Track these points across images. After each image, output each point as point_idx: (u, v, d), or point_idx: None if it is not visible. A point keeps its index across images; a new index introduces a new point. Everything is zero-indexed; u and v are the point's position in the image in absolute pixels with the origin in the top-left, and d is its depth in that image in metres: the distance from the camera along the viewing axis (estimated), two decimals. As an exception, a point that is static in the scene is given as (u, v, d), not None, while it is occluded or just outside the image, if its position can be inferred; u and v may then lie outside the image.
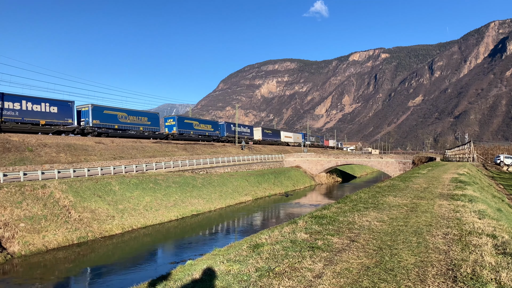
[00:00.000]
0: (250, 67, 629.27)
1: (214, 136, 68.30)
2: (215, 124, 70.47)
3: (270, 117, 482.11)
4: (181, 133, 58.98)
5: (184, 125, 59.98)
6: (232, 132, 74.21)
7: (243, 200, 41.45)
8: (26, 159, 31.92)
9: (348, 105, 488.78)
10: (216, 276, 4.75)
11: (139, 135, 51.26)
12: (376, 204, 10.19)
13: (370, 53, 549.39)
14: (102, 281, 18.15)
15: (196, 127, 62.75)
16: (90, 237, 23.62)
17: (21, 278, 17.78)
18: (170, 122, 59.32)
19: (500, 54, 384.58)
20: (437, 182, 16.68)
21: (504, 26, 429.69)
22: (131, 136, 50.04)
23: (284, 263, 5.01)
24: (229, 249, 10.39)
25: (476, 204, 9.86)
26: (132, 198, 29.88)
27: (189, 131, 60.69)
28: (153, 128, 53.91)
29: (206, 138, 66.05)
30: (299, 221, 8.20)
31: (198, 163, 45.47)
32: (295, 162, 68.33)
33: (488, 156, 67.57)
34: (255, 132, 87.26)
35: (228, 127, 73.70)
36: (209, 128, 67.02)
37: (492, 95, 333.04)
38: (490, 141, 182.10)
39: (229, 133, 73.17)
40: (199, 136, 63.75)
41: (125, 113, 49.04)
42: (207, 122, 68.13)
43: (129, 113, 49.95)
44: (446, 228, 6.93)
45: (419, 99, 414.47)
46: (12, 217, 21.62)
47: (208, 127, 66.82)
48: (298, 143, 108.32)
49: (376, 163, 64.31)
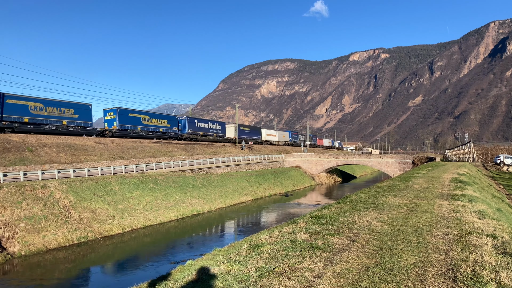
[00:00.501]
0: (250, 67, 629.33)
1: (171, 133, 58.10)
2: (173, 119, 59.51)
3: (270, 117, 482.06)
4: (123, 129, 49.38)
5: (128, 119, 50.21)
6: (197, 129, 63.91)
7: (243, 200, 41.45)
8: (26, 159, 31.92)
9: (348, 105, 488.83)
10: (216, 276, 4.75)
11: (61, 131, 41.60)
12: (376, 204, 10.20)
13: (370, 53, 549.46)
14: (102, 281, 18.15)
15: (145, 122, 53.17)
16: (90, 237, 23.62)
17: (21, 278, 17.78)
18: (110, 116, 49.37)
19: (500, 54, 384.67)
20: (437, 182, 16.68)
21: (504, 26, 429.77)
22: (48, 132, 40.32)
23: (284, 263, 5.01)
24: (229, 249, 10.39)
25: (476, 204, 9.86)
26: (132, 198, 29.89)
27: (135, 127, 51.18)
28: (82, 123, 44.20)
29: (159, 135, 55.85)
30: (299, 221, 8.21)
31: (198, 163, 45.47)
32: (295, 162, 68.33)
33: (488, 156, 67.55)
34: (228, 129, 75.85)
35: (191, 123, 62.97)
36: (164, 124, 56.79)
37: (492, 95, 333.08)
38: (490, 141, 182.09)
39: (192, 130, 62.52)
40: (150, 133, 53.88)
41: (40, 103, 39.55)
42: (161, 117, 57.53)
43: (47, 104, 40.27)
44: (446, 228, 6.93)
45: (419, 99, 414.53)
46: (12, 217, 21.62)
47: (163, 122, 56.69)
48: (284, 142, 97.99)
49: (376, 163, 64.31)
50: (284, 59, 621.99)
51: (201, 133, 64.39)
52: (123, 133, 49.45)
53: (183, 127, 61.19)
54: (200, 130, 64.47)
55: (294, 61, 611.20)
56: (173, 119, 59.59)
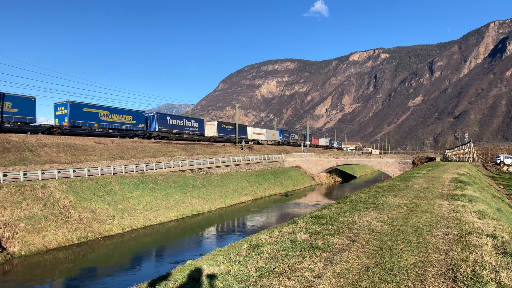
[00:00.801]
0: (250, 67, 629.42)
1: (136, 130, 51.71)
2: (139, 116, 52.86)
3: (270, 117, 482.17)
4: (77, 126, 43.17)
5: (82, 115, 44.12)
6: (169, 126, 57.66)
7: (243, 200, 41.45)
8: (26, 159, 31.93)
9: (348, 105, 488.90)
10: (216, 276, 4.75)
11: None
12: (376, 204, 10.20)
13: (370, 53, 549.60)
14: (102, 281, 18.15)
15: (104, 118, 46.88)
16: (90, 237, 23.62)
17: (21, 278, 17.78)
18: (61, 111, 43.38)
19: (500, 54, 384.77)
20: (437, 182, 16.68)
21: (504, 26, 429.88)
22: None
23: (284, 263, 5.01)
24: (229, 249, 10.38)
25: (476, 204, 9.86)
26: (132, 198, 29.89)
27: (91, 124, 45.03)
28: (23, 118, 38.84)
29: (122, 133, 49.50)
30: (299, 221, 8.21)
31: (198, 163, 45.48)
32: (295, 162, 68.34)
33: (488, 156, 67.58)
34: (208, 127, 69.21)
35: (161, 120, 56.32)
36: (128, 120, 50.55)
37: (492, 95, 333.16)
38: (490, 141, 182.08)
39: (163, 128, 56.34)
40: (110, 131, 47.58)
41: None
42: (125, 112, 50.35)
43: None
44: (446, 228, 6.93)
45: (419, 99, 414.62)
46: (12, 217, 21.62)
47: (126, 118, 50.29)
48: (273, 142, 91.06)
49: (376, 163, 64.32)
50: (284, 59, 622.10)
51: (174, 131, 58.18)
52: (76, 130, 43.48)
53: (153, 124, 55.34)
54: (173, 127, 58.18)
55: (294, 61, 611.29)
56: (140, 115, 53.12)
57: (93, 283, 17.86)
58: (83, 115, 44.64)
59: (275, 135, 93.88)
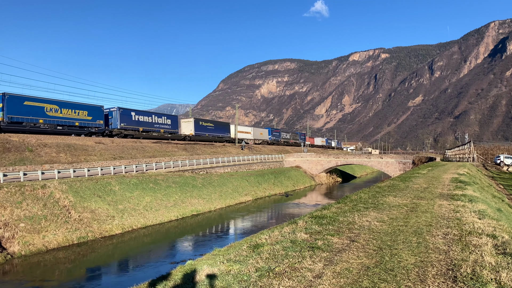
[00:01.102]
0: (250, 67, 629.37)
1: (92, 127, 45.30)
2: (96, 110, 46.02)
3: (270, 117, 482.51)
4: (16, 122, 37.33)
5: (23, 109, 38.16)
6: (135, 123, 51.21)
7: (243, 200, 41.46)
8: (26, 159, 31.93)
9: (348, 105, 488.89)
10: (216, 276, 4.75)
11: None
12: (376, 204, 10.20)
13: (370, 53, 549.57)
14: (102, 281, 18.15)
15: (52, 114, 40.96)
16: (90, 237, 23.61)
17: (21, 278, 17.77)
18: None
19: (500, 54, 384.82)
20: (437, 182, 16.68)
21: (504, 26, 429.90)
22: None
23: (284, 263, 5.01)
24: (229, 249, 10.38)
25: (476, 204, 9.86)
26: (132, 198, 29.89)
27: (35, 119, 39.20)
28: None
29: (75, 130, 43.28)
30: (299, 221, 8.21)
31: (198, 163, 45.48)
32: (295, 162, 68.35)
33: (488, 156, 67.57)
34: (184, 124, 62.93)
35: (125, 116, 49.75)
36: (82, 116, 43.99)
37: (492, 95, 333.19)
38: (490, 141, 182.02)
39: (127, 125, 49.87)
40: (58, 128, 41.33)
41: None
42: (78, 107, 43.61)
43: None
44: (446, 228, 6.93)
45: (419, 99, 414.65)
46: (12, 217, 21.62)
47: (81, 113, 43.83)
48: (261, 141, 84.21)
49: (376, 163, 64.32)
50: (284, 59, 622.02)
51: (141, 128, 52.46)
52: (14, 127, 37.40)
53: (114, 120, 49.47)
54: (139, 124, 52.09)
55: (294, 61, 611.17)
56: (97, 110, 46.20)
57: (93, 283, 17.85)
58: (24, 110, 38.72)
59: (264, 134, 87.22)
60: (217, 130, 69.50)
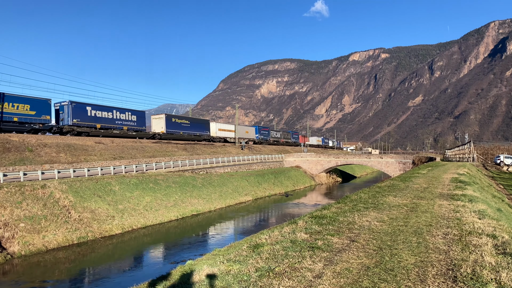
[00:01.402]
0: (250, 67, 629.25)
1: (36, 123, 39.22)
2: (42, 105, 39.80)
3: (270, 117, 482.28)
4: None
5: None
6: (91, 119, 45.24)
7: (243, 200, 41.45)
8: (26, 159, 31.92)
9: (348, 105, 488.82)
10: (216, 276, 4.75)
11: None
12: (376, 204, 10.19)
13: (370, 53, 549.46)
14: (102, 281, 18.15)
15: None
16: (90, 237, 23.61)
17: (21, 278, 17.77)
18: None
19: (500, 54, 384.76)
20: (437, 182, 16.68)
21: (504, 26, 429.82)
22: None
23: (284, 263, 5.01)
24: (229, 249, 10.38)
25: (476, 204, 9.86)
26: (132, 198, 29.88)
27: None
28: None
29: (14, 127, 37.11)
30: (299, 221, 8.21)
31: (198, 163, 45.48)
32: (295, 162, 68.35)
33: (488, 156, 67.60)
34: (154, 121, 57.19)
35: (78, 111, 43.72)
36: (23, 111, 37.65)
37: (492, 95, 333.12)
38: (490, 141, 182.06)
39: (80, 121, 43.87)
40: None
41: None
42: (18, 100, 37.28)
43: None
44: (446, 228, 6.93)
45: (419, 99, 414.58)
46: (12, 217, 21.62)
47: (21, 108, 37.40)
48: (247, 140, 78.20)
49: (376, 163, 64.32)
50: (284, 59, 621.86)
51: (99, 125, 46.35)
52: None
53: (66, 116, 43.24)
54: (96, 121, 45.96)
55: (294, 61, 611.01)
56: (42, 104, 40.01)
57: (93, 283, 17.85)
58: None
59: (250, 133, 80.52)
60: (193, 127, 63.33)
